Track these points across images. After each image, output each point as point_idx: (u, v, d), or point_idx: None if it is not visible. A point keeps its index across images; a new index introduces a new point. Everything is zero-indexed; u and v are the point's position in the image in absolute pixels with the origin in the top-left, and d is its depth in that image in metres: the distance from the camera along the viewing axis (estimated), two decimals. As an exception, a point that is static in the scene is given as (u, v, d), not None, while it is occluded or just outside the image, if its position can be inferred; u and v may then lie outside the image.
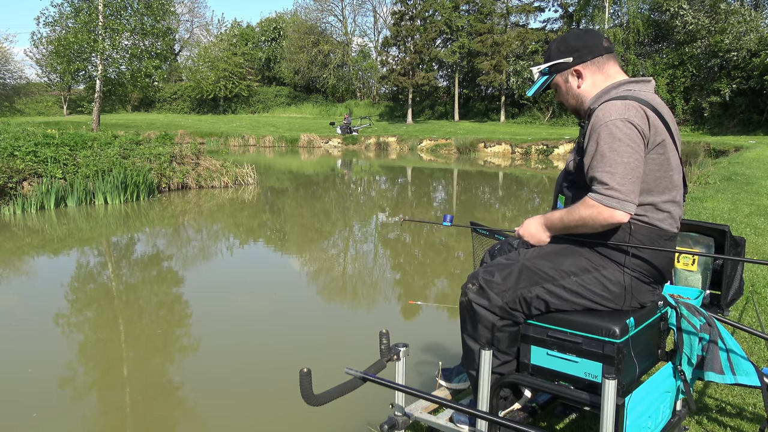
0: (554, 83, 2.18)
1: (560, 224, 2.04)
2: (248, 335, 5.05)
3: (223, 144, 28.16)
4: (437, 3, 34.46)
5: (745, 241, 2.35)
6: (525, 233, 2.15)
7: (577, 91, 2.13)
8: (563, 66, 2.13)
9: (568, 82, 2.14)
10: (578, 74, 2.11)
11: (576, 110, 2.19)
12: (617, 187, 1.86)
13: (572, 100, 2.16)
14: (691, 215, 6.80)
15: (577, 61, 2.10)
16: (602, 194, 1.88)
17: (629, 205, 1.87)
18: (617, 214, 1.87)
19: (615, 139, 1.88)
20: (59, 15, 26.59)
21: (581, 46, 2.10)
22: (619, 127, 1.88)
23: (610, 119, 1.90)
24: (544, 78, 2.18)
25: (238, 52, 44.94)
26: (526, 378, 2.00)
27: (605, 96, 2.04)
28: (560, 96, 2.20)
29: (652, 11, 30.41)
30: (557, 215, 2.05)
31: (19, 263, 7.73)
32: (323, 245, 8.99)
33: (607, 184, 1.87)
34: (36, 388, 4.02)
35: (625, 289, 1.97)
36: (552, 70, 2.15)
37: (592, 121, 1.96)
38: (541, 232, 2.12)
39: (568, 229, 2.02)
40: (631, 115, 1.90)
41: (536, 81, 2.21)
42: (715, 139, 21.19)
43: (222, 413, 3.68)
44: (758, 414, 2.54)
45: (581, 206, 1.95)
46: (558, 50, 2.14)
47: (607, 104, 1.96)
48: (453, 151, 25.68)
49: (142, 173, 12.01)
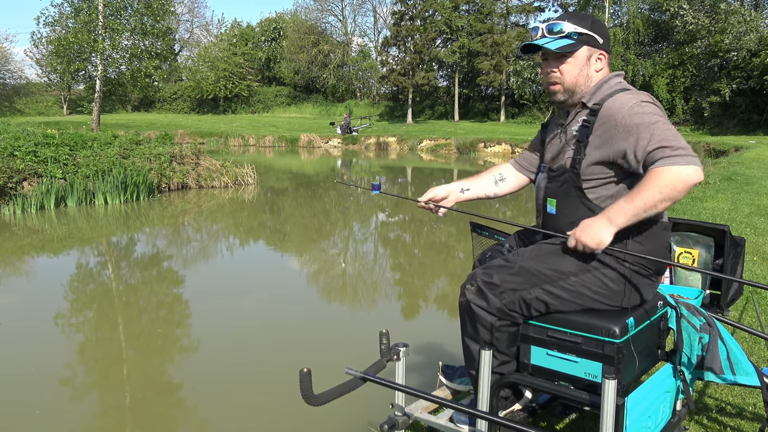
0: (575, 53, 2.03)
1: (631, 206, 1.82)
2: (248, 335, 5.05)
3: (223, 144, 28.16)
4: (437, 3, 34.47)
5: (744, 241, 2.35)
6: (585, 237, 1.89)
7: (593, 74, 2.05)
8: (596, 43, 2.04)
9: (590, 59, 2.05)
10: (601, 59, 2.06)
11: (573, 91, 2.06)
12: (681, 146, 1.79)
13: (582, 79, 2.04)
14: (691, 215, 6.80)
15: (605, 46, 2.07)
16: (672, 156, 1.77)
17: (697, 159, 1.80)
18: (693, 169, 1.76)
19: (649, 113, 1.86)
20: (59, 15, 26.65)
21: (608, 37, 2.09)
22: (644, 107, 1.88)
23: (633, 103, 1.89)
24: (569, 41, 2.02)
25: (238, 52, 44.95)
26: (526, 378, 2.00)
27: (601, 92, 2.02)
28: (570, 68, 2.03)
29: (652, 11, 30.41)
30: (622, 201, 1.85)
31: (19, 263, 7.73)
32: (323, 245, 8.99)
33: (672, 146, 1.78)
34: (37, 387, 4.02)
35: (626, 285, 1.97)
36: (584, 39, 2.03)
37: (607, 114, 1.93)
38: (605, 230, 1.86)
39: (645, 208, 1.81)
40: (645, 97, 1.92)
41: (560, 36, 2.02)
42: (715, 139, 21.19)
43: (222, 413, 3.68)
44: (758, 414, 2.54)
45: (654, 179, 1.78)
46: (594, 26, 2.04)
47: (617, 97, 1.94)
48: (453, 151, 25.68)
49: (142, 173, 12.01)
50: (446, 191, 2.39)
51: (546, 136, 2.27)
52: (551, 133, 2.22)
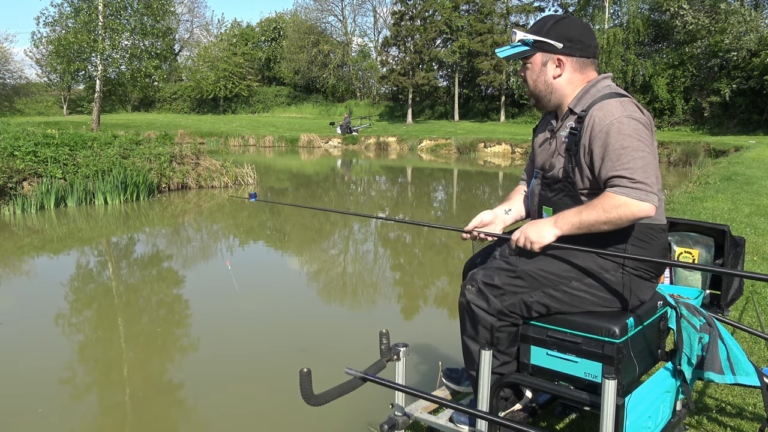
0: (531, 59, 2.06)
1: (577, 220, 1.91)
2: (248, 335, 5.05)
3: (223, 144, 28.15)
4: (437, 3, 34.46)
5: (744, 241, 2.35)
6: (526, 233, 1.98)
7: (550, 81, 2.05)
8: (549, 48, 2.02)
9: (545, 66, 2.04)
10: (559, 64, 2.03)
11: (537, 97, 2.10)
12: (642, 180, 1.82)
13: (541, 86, 2.07)
14: (691, 215, 6.80)
15: (565, 51, 2.02)
16: (629, 188, 1.83)
17: (654, 198, 1.84)
18: (644, 206, 1.83)
19: (625, 135, 1.85)
20: (59, 15, 26.62)
21: (576, 39, 2.02)
22: (626, 124, 1.86)
23: (614, 118, 1.88)
24: (524, 48, 2.05)
25: (238, 52, 44.93)
26: (526, 378, 2.00)
27: (588, 97, 2.00)
28: (528, 75, 2.09)
29: (652, 11, 30.38)
30: (573, 211, 1.93)
31: (19, 263, 7.72)
32: (323, 245, 8.99)
33: (632, 179, 1.83)
34: (37, 387, 4.02)
35: (626, 289, 1.97)
36: (536, 45, 2.04)
37: (591, 124, 1.91)
38: (548, 231, 1.94)
39: (587, 225, 1.89)
40: (632, 110, 1.89)
41: (514, 45, 2.08)
42: (715, 139, 21.18)
43: (222, 413, 3.68)
44: (758, 414, 2.54)
45: (604, 202, 1.86)
46: (552, 30, 2.02)
47: (603, 104, 1.92)
48: (453, 151, 25.67)
49: (142, 173, 12.01)
50: (493, 215, 2.29)
51: (536, 141, 2.27)
52: (541, 137, 2.21)
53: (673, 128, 27.12)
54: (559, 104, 2.09)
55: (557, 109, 2.11)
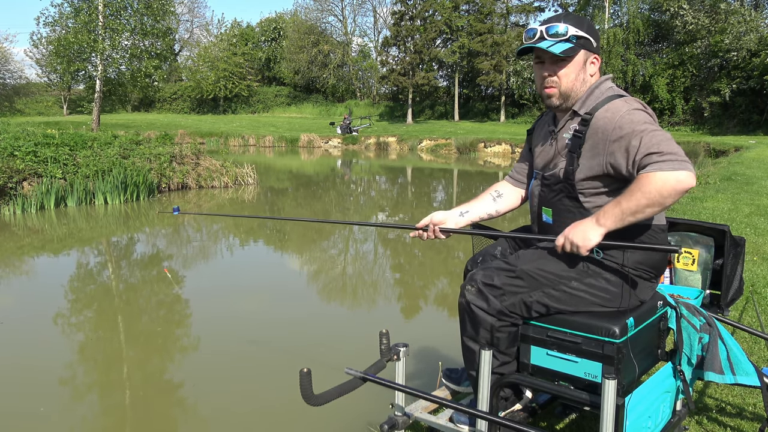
0: (573, 57, 1.97)
1: (619, 210, 1.81)
2: (248, 335, 5.05)
3: (223, 144, 28.15)
4: (437, 3, 34.45)
5: (744, 241, 2.35)
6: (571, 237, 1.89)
7: (588, 79, 2.01)
8: (590, 46, 1.99)
9: (586, 65, 2.00)
10: (595, 62, 2.02)
11: (569, 96, 2.00)
12: (670, 151, 1.75)
13: (578, 84, 1.99)
14: (691, 215, 6.80)
15: (598, 50, 2.04)
16: (662, 161, 1.74)
17: (689, 165, 1.76)
18: (683, 175, 1.72)
19: (638, 122, 1.83)
20: (59, 15, 26.62)
21: (599, 40, 2.05)
22: (635, 114, 1.86)
23: (624, 111, 1.88)
24: (570, 45, 1.95)
25: (238, 52, 44.93)
26: (526, 378, 2.00)
27: (592, 99, 1.99)
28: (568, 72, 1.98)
29: (652, 11, 30.39)
30: (611, 205, 1.84)
31: (19, 263, 7.72)
32: (323, 245, 8.99)
33: (661, 152, 1.75)
34: (37, 386, 4.02)
35: (626, 289, 1.97)
36: (581, 42, 1.97)
37: (600, 125, 1.90)
38: (593, 231, 1.85)
39: (631, 212, 1.79)
40: (636, 105, 1.91)
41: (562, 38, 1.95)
42: (715, 139, 21.18)
43: (222, 412, 3.68)
44: (758, 414, 2.54)
45: (641, 185, 1.77)
46: (591, 27, 1.99)
47: (608, 106, 1.92)
48: (453, 151, 25.67)
49: (142, 173, 12.01)
50: (444, 216, 2.31)
51: (533, 143, 2.25)
52: (540, 138, 2.20)
53: (673, 128, 27.12)
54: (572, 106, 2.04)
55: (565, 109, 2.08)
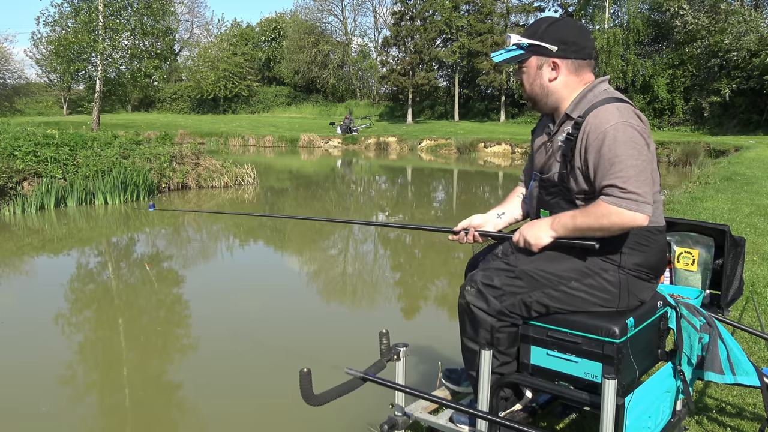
0: (526, 62, 2.05)
1: (572, 224, 1.94)
2: (248, 335, 5.05)
3: (223, 144, 28.14)
4: (437, 3, 34.44)
5: (744, 241, 2.35)
6: (525, 234, 2.03)
7: (546, 84, 2.04)
8: (544, 51, 2.01)
9: (541, 69, 2.03)
10: (554, 67, 2.02)
11: (534, 100, 2.10)
12: (634, 190, 1.82)
13: (537, 89, 2.06)
14: (691, 215, 6.80)
15: (560, 53, 2.00)
16: (621, 198, 1.83)
17: (647, 207, 1.84)
18: (638, 216, 1.83)
19: (620, 143, 1.84)
20: (59, 15, 26.60)
21: (571, 42, 2.01)
22: (621, 131, 1.85)
23: (610, 125, 1.87)
24: (519, 52, 2.04)
25: (238, 52, 44.91)
26: (526, 378, 2.00)
27: (585, 102, 1.98)
28: (524, 78, 2.08)
29: (652, 11, 30.38)
30: (568, 215, 1.96)
31: (19, 263, 7.73)
32: (323, 245, 8.99)
33: (624, 188, 1.83)
34: (37, 386, 4.02)
35: (626, 290, 1.97)
36: (531, 49, 2.03)
37: (588, 130, 1.91)
38: (545, 233, 1.99)
39: (580, 230, 1.93)
40: (627, 116, 1.88)
41: (509, 49, 2.06)
42: (715, 139, 21.18)
43: (222, 413, 3.68)
44: (758, 414, 2.54)
45: (597, 210, 1.88)
46: (546, 33, 2.01)
47: (599, 111, 1.91)
48: (453, 151, 25.66)
49: (142, 173, 12.01)
50: (483, 219, 2.29)
51: (534, 143, 2.26)
52: (539, 139, 2.21)
53: (673, 128, 27.12)
54: (556, 107, 2.08)
55: (554, 111, 2.11)
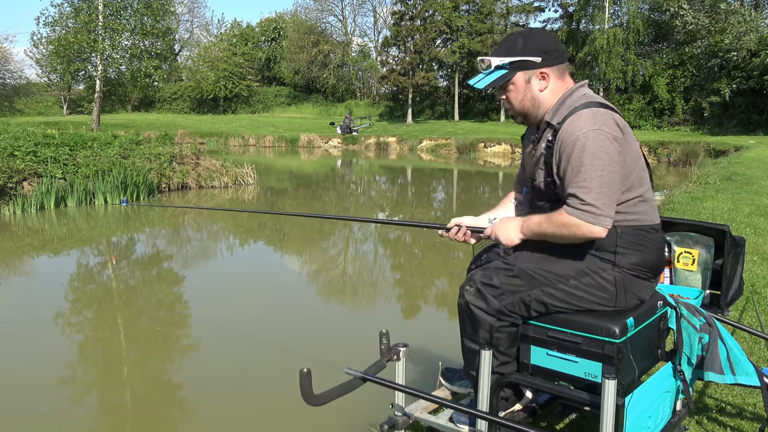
0: (512, 80, 2.03)
1: (538, 229, 1.99)
2: (248, 335, 5.05)
3: (223, 144, 28.14)
4: (437, 3, 34.44)
5: (744, 241, 2.35)
6: (497, 231, 2.09)
7: (538, 95, 2.03)
8: (530, 64, 2.00)
9: (530, 83, 2.02)
10: (544, 77, 2.02)
11: (526, 114, 2.08)
12: (593, 203, 1.84)
13: (528, 103, 2.05)
14: (691, 215, 6.80)
15: (544, 63, 2.00)
16: (579, 209, 1.86)
17: (605, 220, 1.86)
18: (595, 229, 1.87)
19: (588, 152, 1.84)
20: (59, 15, 26.58)
21: (552, 49, 2.01)
22: (591, 139, 1.85)
23: (581, 132, 1.86)
24: (503, 72, 2.02)
25: (238, 52, 44.90)
26: (526, 378, 2.00)
27: (564, 108, 1.98)
28: (512, 96, 2.06)
29: (652, 11, 30.36)
30: (536, 220, 2.00)
31: (19, 263, 7.73)
32: (323, 245, 8.99)
33: (583, 200, 1.85)
34: (37, 386, 4.02)
35: (624, 288, 1.97)
36: (515, 66, 2.01)
37: (562, 137, 1.91)
38: (514, 233, 2.05)
39: (545, 236, 1.98)
40: (601, 123, 1.87)
41: (489, 72, 2.04)
42: (715, 139, 21.18)
43: (222, 413, 3.68)
44: (758, 414, 2.54)
45: (559, 217, 1.92)
46: (526, 46, 2.00)
47: (574, 118, 1.91)
48: (453, 151, 25.66)
49: (142, 173, 12.01)
50: (473, 221, 2.32)
51: (523, 148, 2.27)
52: (527, 144, 2.22)
53: (673, 128, 27.12)
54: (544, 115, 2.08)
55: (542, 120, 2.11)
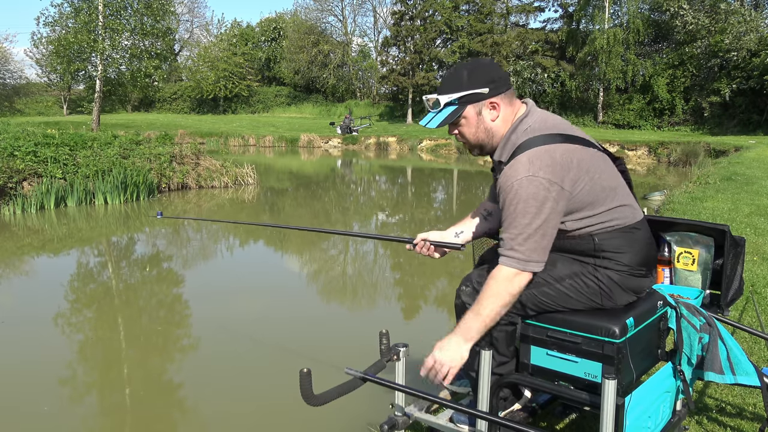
0: (463, 115, 2.00)
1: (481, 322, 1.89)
2: (248, 335, 5.05)
3: (223, 144, 28.13)
4: (437, 3, 34.45)
5: (744, 241, 2.35)
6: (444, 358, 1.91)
7: (491, 125, 2.01)
8: (479, 97, 1.98)
9: (481, 115, 2.00)
10: (494, 107, 1.99)
11: (482, 146, 2.06)
12: (517, 248, 1.85)
13: (482, 134, 2.02)
14: (691, 215, 6.81)
15: (493, 92, 1.98)
16: (506, 255, 1.87)
17: (533, 265, 1.86)
18: (521, 277, 1.86)
19: (520, 199, 1.84)
20: (59, 15, 26.55)
21: (497, 78, 1.98)
22: (524, 187, 1.84)
23: (516, 179, 1.86)
24: (453, 108, 1.99)
25: (238, 52, 44.89)
26: (526, 378, 2.00)
27: (509, 146, 1.97)
28: (465, 130, 2.03)
29: (652, 11, 30.36)
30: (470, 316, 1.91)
31: (19, 263, 7.72)
32: (323, 245, 8.99)
33: (511, 247, 1.86)
34: (37, 386, 4.02)
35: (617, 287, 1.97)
36: (464, 100, 1.98)
37: (501, 183, 1.91)
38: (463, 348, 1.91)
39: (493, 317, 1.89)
40: (537, 168, 1.85)
41: (438, 111, 2.02)
42: (715, 139, 21.17)
43: (222, 413, 3.68)
44: (758, 414, 2.54)
45: (491, 281, 1.89)
46: (471, 80, 1.98)
47: (513, 162, 1.90)
48: (453, 151, 25.67)
49: (142, 173, 12.01)
50: (439, 236, 2.33)
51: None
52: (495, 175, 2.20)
53: (673, 128, 27.12)
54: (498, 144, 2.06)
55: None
